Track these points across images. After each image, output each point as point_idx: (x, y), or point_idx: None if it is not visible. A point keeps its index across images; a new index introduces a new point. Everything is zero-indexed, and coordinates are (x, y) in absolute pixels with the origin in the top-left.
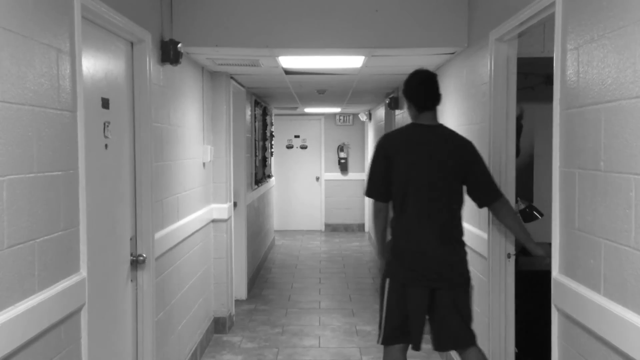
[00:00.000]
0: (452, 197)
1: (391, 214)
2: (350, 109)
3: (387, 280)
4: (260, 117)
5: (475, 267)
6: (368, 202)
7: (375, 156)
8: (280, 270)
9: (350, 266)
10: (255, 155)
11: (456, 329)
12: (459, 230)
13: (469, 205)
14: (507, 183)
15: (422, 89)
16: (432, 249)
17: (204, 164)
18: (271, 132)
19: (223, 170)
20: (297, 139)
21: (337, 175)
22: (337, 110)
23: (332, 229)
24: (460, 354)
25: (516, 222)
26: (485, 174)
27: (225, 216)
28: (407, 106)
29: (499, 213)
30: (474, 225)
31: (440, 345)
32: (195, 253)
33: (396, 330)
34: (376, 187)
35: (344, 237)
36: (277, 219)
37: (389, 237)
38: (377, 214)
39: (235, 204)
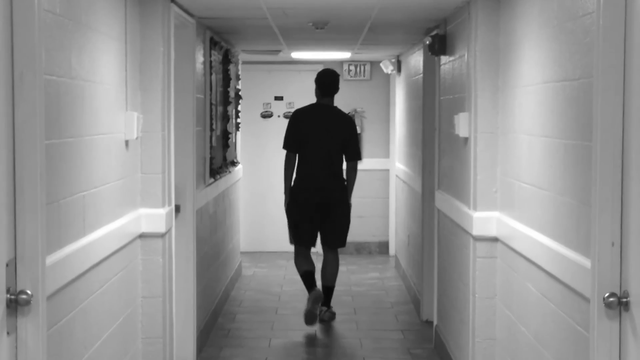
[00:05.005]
0: (336, 152)
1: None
2: (367, 54)
3: (291, 204)
4: (219, 66)
5: (568, 315)
6: (395, 195)
7: (290, 122)
8: (251, 317)
9: (366, 311)
10: (212, 129)
11: (332, 234)
12: (341, 174)
13: (556, 219)
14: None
15: (327, 82)
16: (322, 183)
17: (126, 142)
18: (237, 91)
19: (158, 152)
20: (279, 102)
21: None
22: (345, 56)
23: None
24: (325, 251)
25: (353, 178)
26: (356, 143)
27: (160, 228)
28: (315, 89)
29: (348, 168)
30: (569, 247)
31: (323, 242)
32: (111, 288)
33: (297, 235)
34: (290, 142)
35: (355, 264)
36: (246, 234)
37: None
38: (289, 161)
39: (177, 209)
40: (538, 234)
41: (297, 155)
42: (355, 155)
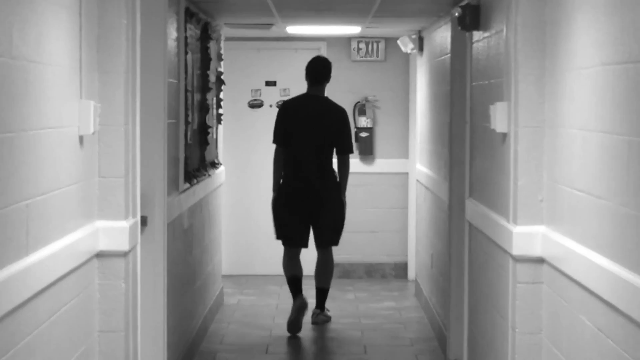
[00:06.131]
0: (327, 146)
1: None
2: (381, 29)
3: (277, 200)
4: (196, 43)
5: (632, 354)
6: (415, 205)
7: (279, 115)
8: (235, 356)
9: (379, 350)
10: (187, 122)
11: (325, 232)
12: (331, 168)
13: (618, 235)
14: None
15: (315, 70)
16: (311, 179)
17: (81, 138)
18: (219, 75)
19: (120, 151)
20: (271, 88)
21: (353, 162)
22: (354, 31)
23: (341, 272)
24: (318, 251)
25: (345, 173)
26: (347, 136)
27: (123, 246)
28: (305, 78)
29: (340, 162)
30: (633, 270)
31: (316, 242)
32: (61, 321)
33: (286, 235)
34: (279, 137)
35: (366, 290)
36: (230, 253)
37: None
38: (278, 156)
39: (144, 221)
40: (594, 254)
41: (285, 149)
42: (347, 149)
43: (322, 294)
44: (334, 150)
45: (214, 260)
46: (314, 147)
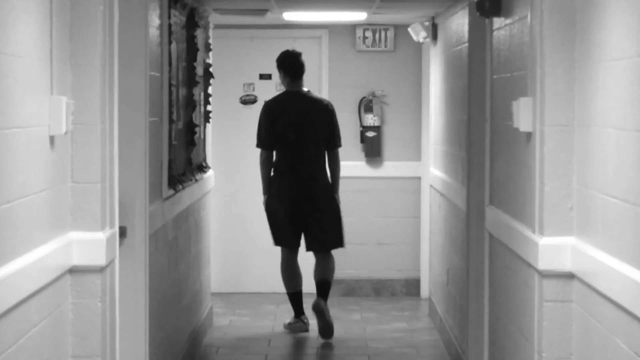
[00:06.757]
0: (318, 144)
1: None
2: (390, 16)
3: (270, 201)
4: (182, 31)
5: None
6: (429, 214)
7: (262, 117)
8: None
9: None
10: (171, 121)
11: (320, 235)
12: (324, 167)
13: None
14: None
15: (296, 64)
16: (303, 179)
17: (52, 138)
18: (207, 67)
19: (96, 153)
20: (265, 82)
21: (358, 165)
22: (359, 17)
23: (345, 289)
24: (316, 255)
25: (336, 169)
26: (335, 130)
27: (99, 260)
28: (281, 77)
29: (330, 158)
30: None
31: (308, 247)
32: (30, 345)
33: (279, 236)
34: (264, 140)
35: (374, 310)
36: (220, 268)
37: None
38: (265, 160)
39: (122, 232)
40: (631, 269)
41: (273, 152)
42: (337, 143)
43: (324, 286)
44: (324, 147)
45: (202, 276)
46: (305, 146)
